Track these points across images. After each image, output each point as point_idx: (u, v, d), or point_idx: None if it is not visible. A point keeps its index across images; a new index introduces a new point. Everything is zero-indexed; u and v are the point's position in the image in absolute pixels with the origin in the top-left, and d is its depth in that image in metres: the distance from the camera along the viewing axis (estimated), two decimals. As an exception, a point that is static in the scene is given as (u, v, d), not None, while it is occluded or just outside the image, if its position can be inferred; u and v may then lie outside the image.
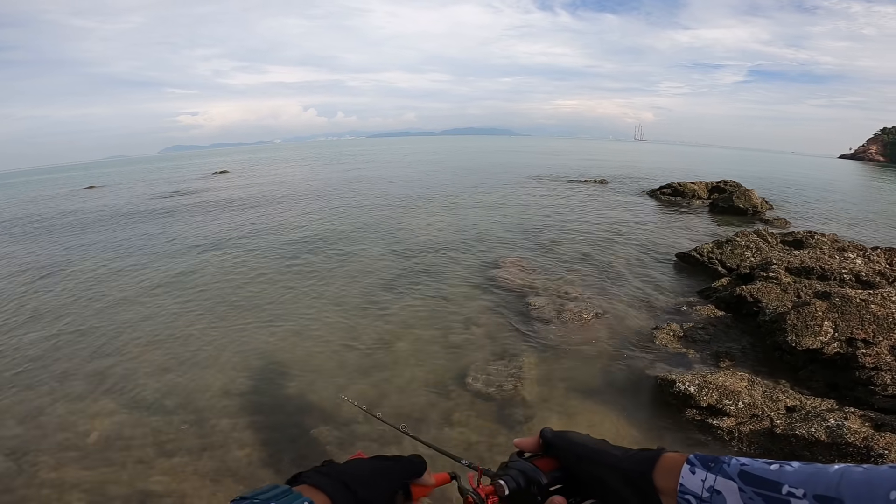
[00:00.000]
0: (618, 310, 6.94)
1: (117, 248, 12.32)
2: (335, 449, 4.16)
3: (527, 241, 11.20)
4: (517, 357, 5.55)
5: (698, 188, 18.15)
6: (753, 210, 14.62)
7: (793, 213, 15.50)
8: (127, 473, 3.94)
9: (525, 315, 6.75)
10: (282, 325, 6.81)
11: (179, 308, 7.66)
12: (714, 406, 4.06)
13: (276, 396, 5.05)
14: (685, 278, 8.37)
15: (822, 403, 4.08)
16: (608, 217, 14.25)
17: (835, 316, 4.90)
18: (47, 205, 25.02)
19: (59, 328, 7.14)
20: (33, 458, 4.15)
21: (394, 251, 10.62)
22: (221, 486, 3.77)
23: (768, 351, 5.30)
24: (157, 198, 23.72)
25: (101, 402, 5.02)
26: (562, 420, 4.46)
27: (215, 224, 14.90)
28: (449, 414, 4.60)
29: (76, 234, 15.09)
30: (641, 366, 5.32)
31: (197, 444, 4.27)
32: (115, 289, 8.88)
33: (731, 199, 15.06)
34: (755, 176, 30.59)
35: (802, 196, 20.97)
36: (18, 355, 6.30)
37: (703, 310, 6.60)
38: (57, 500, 3.66)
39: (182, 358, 5.94)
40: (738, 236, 8.80)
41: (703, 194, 17.89)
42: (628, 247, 10.61)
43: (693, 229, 12.64)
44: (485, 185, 22.99)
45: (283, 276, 9.14)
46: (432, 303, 7.47)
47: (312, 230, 13.27)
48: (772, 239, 8.89)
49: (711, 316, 6.44)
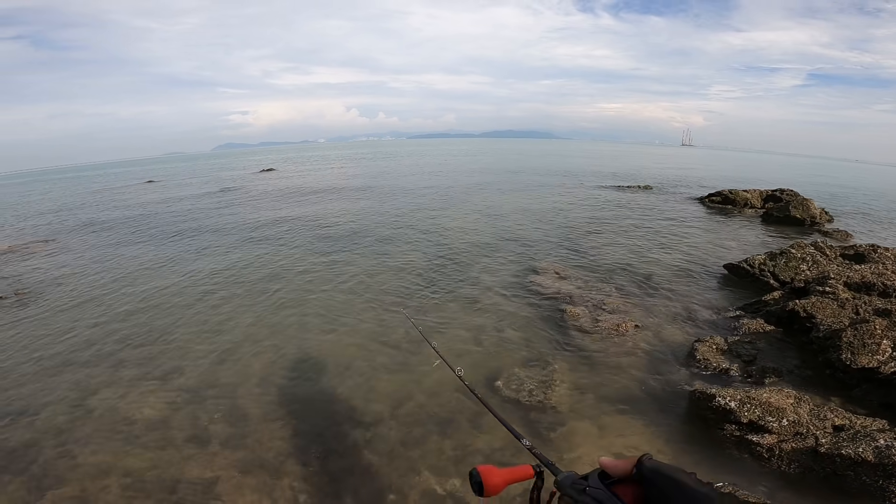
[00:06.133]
0: (657, 321, 6.69)
1: (166, 241, 13.04)
2: (359, 444, 4.22)
3: (565, 247, 11.00)
4: (549, 364, 5.45)
5: (751, 196, 17.22)
6: (812, 221, 13.74)
7: (855, 226, 14.45)
8: (163, 460, 4.10)
9: (560, 322, 6.63)
10: (317, 321, 6.98)
11: (223, 300, 8.01)
12: (755, 422, 3.84)
13: (307, 390, 5.17)
14: (733, 291, 7.95)
15: (874, 423, 3.79)
16: (652, 225, 13.77)
17: (895, 335, 4.53)
18: (112, 196, 26.81)
19: (111, 315, 7.62)
20: (77, 442, 4.38)
21: (430, 251, 10.70)
22: (249, 476, 3.88)
23: (819, 369, 4.96)
24: (208, 193, 24.94)
25: (146, 389, 5.28)
26: (591, 430, 4.33)
27: (259, 220, 15.48)
28: (476, 417, 4.56)
29: (129, 222, 16.11)
30: (679, 379, 5.11)
31: (229, 434, 4.42)
32: (164, 279, 9.40)
33: (787, 208, 14.20)
34: (814, 184, 28.81)
35: (867, 207, 19.48)
36: (75, 339, 6.75)
37: (751, 324, 6.25)
38: (95, 485, 3.83)
39: (223, 349, 6.19)
40: (794, 248, 8.29)
41: (757, 203, 16.97)
42: (672, 256, 10.22)
43: (743, 240, 12.01)
44: (523, 188, 22.79)
45: (321, 272, 9.39)
46: (466, 304, 7.46)
47: (351, 228, 13.57)
48: (830, 252, 8.32)
49: (759, 331, 6.09)
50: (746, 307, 7.05)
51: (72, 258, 11.71)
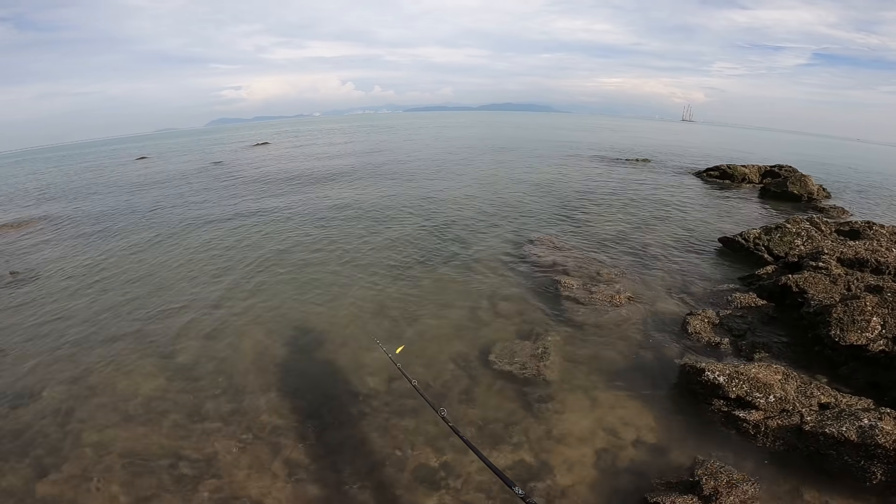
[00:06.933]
0: (651, 294, 6.75)
1: (158, 218, 12.92)
2: (355, 417, 4.29)
3: (561, 219, 10.99)
4: (542, 336, 5.50)
5: (749, 172, 17.14)
6: (809, 197, 13.71)
7: (852, 203, 14.41)
8: (163, 436, 4.16)
9: (554, 294, 6.67)
10: (314, 293, 7.01)
11: (218, 274, 8.00)
12: (743, 398, 3.91)
13: (305, 363, 5.23)
14: (726, 264, 8.00)
15: (859, 402, 3.85)
16: (648, 197, 13.74)
17: (885, 312, 4.58)
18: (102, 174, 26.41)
19: (106, 293, 7.63)
20: (79, 421, 4.42)
21: (426, 223, 10.67)
22: (247, 450, 3.95)
23: (808, 345, 5.03)
24: (200, 167, 24.60)
25: (144, 365, 5.31)
26: (583, 403, 4.40)
27: (250, 195, 15.31)
28: (469, 389, 4.64)
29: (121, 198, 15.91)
30: (670, 352, 5.18)
31: (228, 409, 4.48)
32: (157, 256, 9.36)
33: (784, 184, 14.15)
34: (814, 162, 28.57)
35: (866, 185, 19.38)
36: (72, 318, 6.76)
37: (743, 298, 6.31)
38: (97, 463, 3.89)
39: (220, 323, 6.23)
40: (789, 223, 8.29)
41: (755, 178, 16.90)
42: (667, 229, 10.23)
43: (739, 214, 12.01)
44: (521, 160, 22.56)
45: (316, 244, 9.37)
46: (461, 277, 7.49)
47: (345, 200, 13.49)
48: (826, 227, 8.33)
49: (751, 305, 6.15)
50: (740, 281, 7.10)
51: (65, 237, 11.63)
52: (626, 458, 3.74)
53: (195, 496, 3.52)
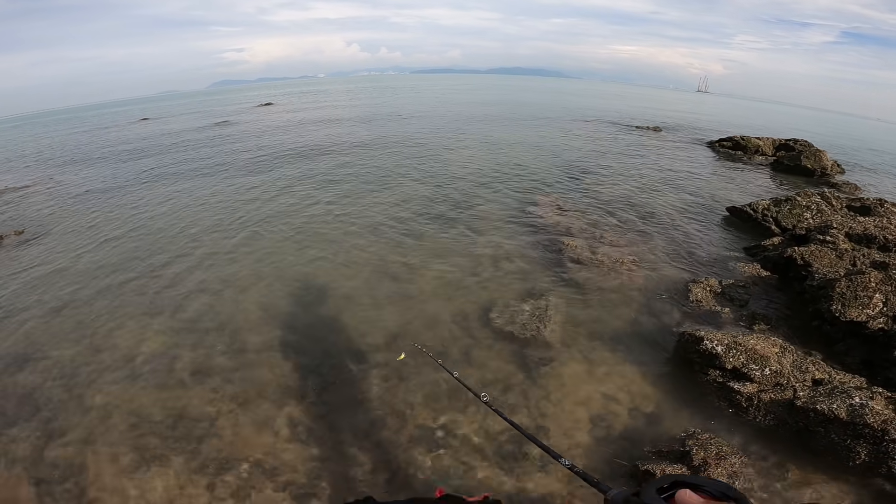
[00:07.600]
0: (655, 259, 6.71)
1: (161, 176, 12.84)
2: (356, 376, 4.35)
3: (567, 182, 10.86)
4: (544, 297, 5.51)
5: (763, 144, 16.73)
6: (822, 172, 13.41)
7: (865, 180, 14.08)
8: (166, 396, 4.22)
9: (557, 256, 6.63)
10: (317, 251, 7.04)
11: (221, 230, 8.02)
12: (739, 370, 3.93)
13: (307, 321, 5.28)
14: (733, 234, 7.93)
15: (852, 380, 3.85)
16: (657, 164, 13.52)
17: (888, 289, 4.53)
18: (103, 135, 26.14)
19: (110, 252, 7.67)
20: (83, 382, 4.45)
21: (430, 183, 10.59)
22: (248, 409, 4.02)
23: (808, 319, 5.02)
24: (204, 127, 24.31)
25: (147, 324, 5.35)
26: (581, 366, 4.44)
27: (254, 152, 15.17)
28: (469, 350, 4.69)
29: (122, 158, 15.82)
30: (671, 319, 5.19)
31: (230, 367, 4.55)
32: (161, 217, 9.35)
33: (798, 158, 13.82)
34: (829, 138, 27.77)
35: (879, 163, 18.87)
36: (76, 277, 6.79)
37: (747, 268, 6.27)
38: (101, 424, 3.94)
39: (223, 280, 6.27)
40: (800, 196, 8.14)
41: (768, 151, 16.51)
42: (676, 196, 10.10)
43: (750, 185, 11.81)
44: (527, 123, 22.11)
45: (319, 203, 9.36)
46: (464, 237, 7.47)
47: (349, 160, 13.38)
48: (836, 202, 8.17)
49: (755, 275, 6.11)
50: (745, 251, 7.05)
51: (68, 197, 11.62)
52: (620, 424, 3.79)
53: (198, 457, 3.57)
